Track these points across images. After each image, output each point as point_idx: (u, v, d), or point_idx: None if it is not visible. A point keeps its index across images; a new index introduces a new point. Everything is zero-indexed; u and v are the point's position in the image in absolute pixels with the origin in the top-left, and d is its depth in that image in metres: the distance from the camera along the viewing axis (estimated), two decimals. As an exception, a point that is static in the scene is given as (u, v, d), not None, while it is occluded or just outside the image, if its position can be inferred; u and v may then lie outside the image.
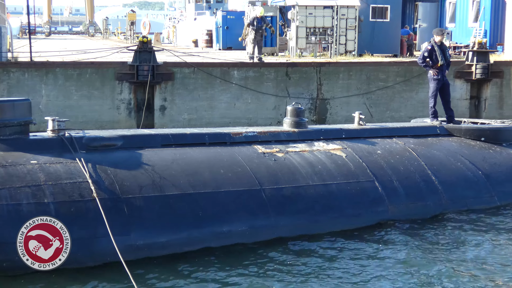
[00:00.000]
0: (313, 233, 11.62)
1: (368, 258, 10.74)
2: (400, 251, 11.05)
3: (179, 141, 12.42)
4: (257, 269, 10.21)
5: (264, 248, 11.00)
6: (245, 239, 11.11)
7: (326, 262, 10.54)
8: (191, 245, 10.70)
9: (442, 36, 15.73)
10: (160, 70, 20.41)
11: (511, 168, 14.55)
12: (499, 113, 23.42)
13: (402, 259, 10.70)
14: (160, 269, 10.07)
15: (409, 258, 10.74)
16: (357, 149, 13.48)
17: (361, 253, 10.98)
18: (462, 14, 33.44)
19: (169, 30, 56.63)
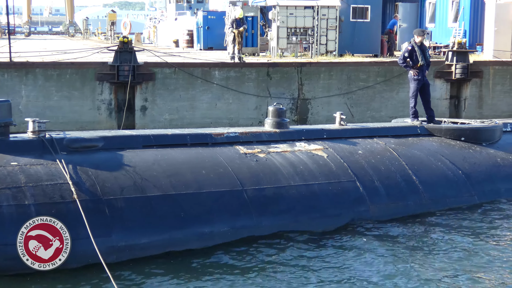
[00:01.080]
0: (294, 233, 11.64)
1: (349, 258, 10.77)
2: (381, 251, 11.09)
3: (161, 142, 12.40)
4: (240, 269, 10.22)
5: (246, 248, 11.00)
6: (227, 239, 11.11)
7: (307, 262, 10.56)
8: (173, 246, 10.68)
9: (423, 37, 15.82)
10: (141, 70, 20.35)
11: (490, 167, 14.68)
12: (478, 113, 23.60)
13: (384, 258, 10.75)
14: (142, 271, 10.04)
15: (390, 257, 10.79)
16: (339, 149, 13.53)
17: (342, 253, 11.01)
18: (442, 14, 33.62)
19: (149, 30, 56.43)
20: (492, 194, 14.16)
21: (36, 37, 65.87)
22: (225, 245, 11.02)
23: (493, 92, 24.25)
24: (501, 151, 15.24)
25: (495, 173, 14.61)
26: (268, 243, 11.24)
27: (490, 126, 15.67)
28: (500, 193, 14.28)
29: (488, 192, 14.14)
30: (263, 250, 10.99)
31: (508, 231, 12.36)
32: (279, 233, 11.55)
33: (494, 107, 24.23)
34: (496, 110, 24.05)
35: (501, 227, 12.60)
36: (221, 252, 10.80)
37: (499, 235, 12.10)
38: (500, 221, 12.91)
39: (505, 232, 12.29)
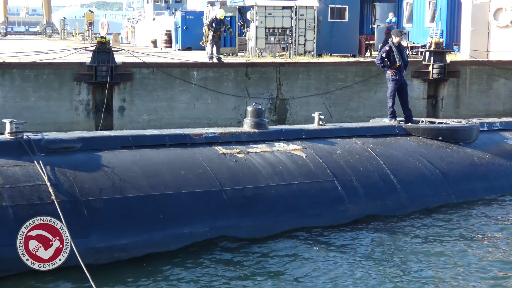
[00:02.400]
0: (274, 233, 11.67)
1: (328, 257, 10.80)
2: (361, 251, 11.15)
3: (139, 142, 12.35)
4: (219, 270, 10.21)
5: (226, 249, 11.00)
6: (206, 240, 11.09)
7: (286, 262, 10.58)
8: (153, 247, 10.65)
9: (400, 37, 15.91)
10: (118, 70, 20.24)
11: (468, 166, 14.80)
12: (455, 112, 23.76)
13: (362, 257, 10.81)
14: (121, 272, 10.01)
15: (369, 257, 10.85)
16: (317, 149, 13.57)
17: (321, 252, 11.04)
18: (419, 15, 33.83)
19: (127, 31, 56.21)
20: (469, 193, 14.28)
21: (13, 38, 65.36)
22: (204, 245, 11.01)
23: (470, 91, 24.44)
24: (478, 150, 15.38)
25: (472, 172, 14.74)
26: (247, 243, 11.25)
27: (467, 125, 15.80)
28: (477, 192, 14.40)
29: (466, 191, 14.25)
30: (242, 250, 10.99)
31: (484, 231, 12.47)
32: (258, 233, 11.56)
33: (471, 106, 24.41)
34: (473, 109, 24.23)
35: (478, 226, 12.70)
36: (201, 253, 10.79)
37: (476, 234, 12.20)
38: (477, 221, 13.02)
39: (482, 232, 12.40)
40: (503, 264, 10.67)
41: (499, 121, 17.33)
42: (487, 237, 12.05)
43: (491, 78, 24.75)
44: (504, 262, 10.78)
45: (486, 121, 17.22)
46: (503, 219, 13.16)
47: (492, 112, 24.21)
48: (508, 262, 10.76)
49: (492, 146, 15.80)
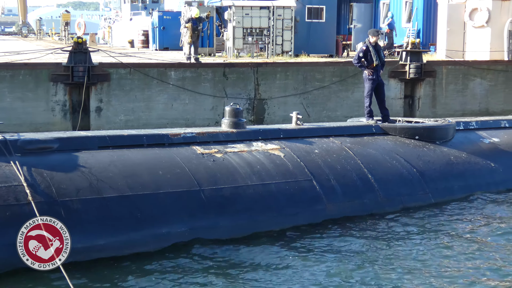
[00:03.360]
0: (252, 232, 11.69)
1: (306, 257, 10.84)
2: (338, 249, 11.20)
3: (117, 142, 12.30)
4: (197, 270, 10.20)
5: (204, 248, 10.99)
6: (184, 240, 11.08)
7: (265, 261, 10.59)
8: (131, 247, 10.62)
9: (377, 37, 15.99)
10: (95, 71, 20.13)
11: (444, 165, 14.92)
12: (432, 112, 23.92)
13: (340, 256, 10.85)
14: (99, 272, 9.96)
15: (346, 255, 10.90)
16: (295, 149, 13.60)
17: (300, 252, 11.07)
18: (396, 15, 33.99)
19: (104, 31, 55.88)
20: (446, 191, 14.40)
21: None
22: (182, 245, 10.99)
23: (446, 91, 24.62)
24: (455, 149, 15.51)
25: (448, 171, 14.86)
26: (225, 243, 11.25)
27: (443, 124, 15.91)
28: (454, 191, 14.52)
29: (442, 190, 14.37)
30: (221, 250, 10.99)
31: (461, 229, 12.57)
32: (237, 233, 11.56)
33: (447, 106, 24.59)
34: (449, 109, 24.41)
35: (455, 224, 12.81)
36: (179, 253, 10.77)
37: (453, 233, 12.30)
38: (454, 219, 13.13)
39: (458, 230, 12.50)
40: (479, 262, 10.77)
41: (475, 120, 17.49)
42: (463, 235, 12.15)
43: (467, 78, 24.96)
44: (479, 259, 10.88)
45: (462, 120, 17.37)
46: (479, 217, 13.28)
47: (468, 112, 24.41)
48: (483, 260, 10.87)
49: (468, 145, 15.94)
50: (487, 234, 12.25)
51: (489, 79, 25.28)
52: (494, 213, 13.56)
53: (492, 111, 24.59)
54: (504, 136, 16.95)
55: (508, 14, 26.08)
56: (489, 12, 26.01)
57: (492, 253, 11.18)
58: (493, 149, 16.24)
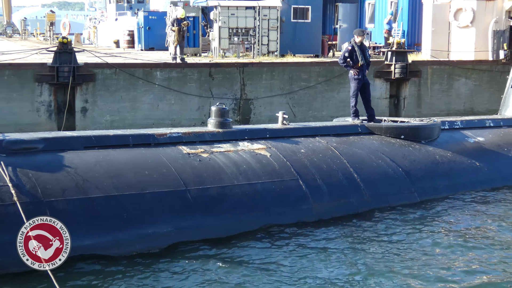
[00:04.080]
0: (238, 232, 11.69)
1: (292, 256, 10.86)
2: (324, 249, 11.22)
3: (102, 143, 12.26)
4: (183, 269, 10.19)
5: (190, 248, 10.98)
6: (171, 240, 11.07)
7: (251, 261, 10.60)
8: (117, 248, 10.59)
9: (363, 36, 16.03)
10: (81, 71, 20.06)
11: (430, 164, 14.99)
12: (417, 111, 24.04)
13: (326, 256, 10.88)
14: (84, 273, 9.93)
15: (332, 255, 10.93)
16: (281, 149, 13.62)
17: (286, 251, 11.09)
18: (381, 15, 34.12)
19: (89, 31, 55.66)
20: (432, 190, 14.47)
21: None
22: (169, 245, 10.97)
23: (431, 91, 24.75)
24: (440, 149, 15.58)
25: (434, 170, 14.93)
26: (212, 243, 11.24)
27: (428, 124, 15.99)
28: (439, 190, 14.59)
29: (428, 189, 14.43)
30: (207, 250, 10.98)
31: (447, 228, 12.64)
32: (223, 232, 11.56)
33: (432, 106, 24.73)
34: (434, 108, 24.54)
35: (441, 223, 12.87)
36: (165, 253, 10.76)
37: (438, 232, 12.36)
38: (439, 219, 13.19)
39: (444, 229, 12.57)
40: (464, 260, 10.83)
41: (460, 120, 17.58)
42: (449, 234, 12.21)
43: (452, 78, 25.11)
44: (465, 257, 10.94)
45: (447, 119, 17.45)
46: (464, 216, 13.35)
47: (453, 111, 24.56)
48: (469, 258, 10.93)
49: (453, 144, 16.02)
50: (472, 232, 12.31)
51: (473, 79, 25.44)
52: (479, 212, 13.64)
53: (477, 111, 24.75)
54: (488, 135, 17.05)
55: (492, 14, 26.24)
56: (473, 12, 26.15)
57: (477, 251, 11.24)
58: (478, 148, 16.34)
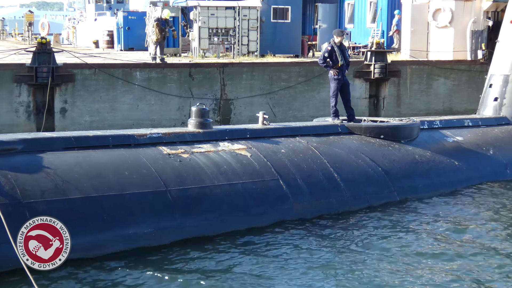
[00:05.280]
0: (219, 232, 11.69)
1: (272, 256, 10.89)
2: (304, 248, 11.25)
3: (82, 143, 12.21)
4: (164, 270, 10.17)
5: (170, 249, 10.97)
6: (151, 241, 11.04)
7: (231, 261, 10.61)
8: (97, 248, 10.55)
9: (342, 37, 16.08)
10: (60, 71, 19.95)
11: (409, 164, 15.08)
12: (397, 111, 24.14)
13: (306, 256, 10.90)
14: (64, 274, 9.89)
15: (313, 254, 10.96)
16: (262, 149, 13.63)
17: (266, 251, 11.11)
18: (360, 15, 34.24)
19: (68, 31, 55.30)
20: (411, 190, 14.56)
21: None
22: (149, 246, 10.94)
23: (411, 91, 24.88)
24: (419, 148, 15.68)
25: (413, 170, 15.03)
26: (192, 243, 11.24)
27: (408, 124, 16.09)
28: (419, 189, 14.69)
29: (407, 188, 14.52)
30: (188, 250, 10.98)
31: (426, 227, 12.71)
32: (204, 232, 11.56)
33: (412, 105, 24.85)
34: (414, 108, 24.66)
35: (420, 222, 12.95)
36: (146, 254, 10.73)
37: (418, 231, 12.43)
38: (418, 217, 13.27)
39: (423, 228, 12.64)
40: (443, 257, 10.90)
41: (439, 120, 17.71)
42: (428, 232, 12.29)
43: (431, 78, 25.25)
44: (443, 255, 11.01)
45: (427, 119, 17.57)
46: (443, 215, 13.44)
47: (432, 111, 24.69)
48: (447, 255, 11.00)
49: (433, 144, 16.13)
50: (451, 230, 12.40)
51: (452, 79, 25.60)
52: (458, 210, 13.75)
53: (455, 110, 24.91)
54: (467, 134, 17.19)
55: (470, 15, 26.43)
56: (452, 13, 26.32)
57: (456, 248, 11.33)
58: (456, 147, 16.46)
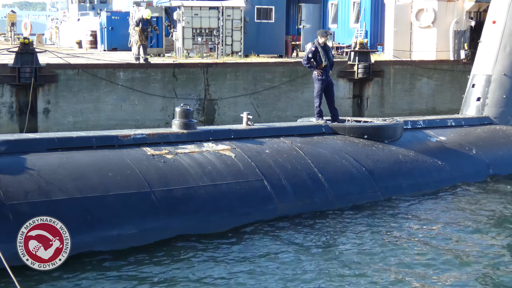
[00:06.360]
0: (204, 233, 11.68)
1: (258, 256, 10.89)
2: (289, 248, 11.26)
3: (65, 144, 12.16)
4: (148, 271, 10.16)
5: (155, 250, 10.94)
6: (135, 242, 11.01)
7: (216, 262, 10.60)
8: (81, 250, 10.50)
9: (326, 37, 16.10)
10: (43, 72, 19.85)
11: (393, 164, 15.13)
12: (380, 111, 24.23)
13: (290, 256, 10.92)
14: (47, 275, 9.84)
15: (297, 254, 10.98)
16: (246, 149, 13.64)
17: (251, 252, 11.11)
18: (344, 15, 34.32)
19: (51, 31, 55.05)
20: (395, 189, 14.61)
21: None
22: (133, 247, 10.91)
23: (394, 91, 24.97)
24: (403, 148, 15.75)
25: (397, 170, 15.08)
26: (177, 244, 11.22)
27: (391, 124, 16.14)
28: (402, 189, 14.75)
29: (391, 188, 14.58)
30: (172, 251, 10.96)
31: (409, 227, 12.77)
32: (188, 233, 11.55)
33: (395, 105, 24.95)
34: (397, 108, 24.76)
35: (403, 222, 13.01)
36: (130, 255, 10.71)
37: (401, 230, 12.48)
38: (402, 217, 13.32)
39: (407, 227, 12.70)
40: (426, 256, 10.95)
41: (422, 119, 17.79)
42: (411, 231, 12.34)
43: (414, 78, 25.38)
44: (426, 254, 11.06)
45: (410, 119, 17.64)
46: (426, 214, 13.50)
47: (415, 111, 24.81)
48: (430, 254, 11.05)
49: (416, 144, 16.20)
50: (434, 229, 12.47)
51: (435, 79, 25.74)
52: (441, 210, 13.81)
53: (438, 110, 25.04)
54: (450, 134, 17.28)
55: (453, 15, 26.58)
56: (435, 13, 26.46)
57: (438, 248, 11.38)
58: (440, 147, 16.54)
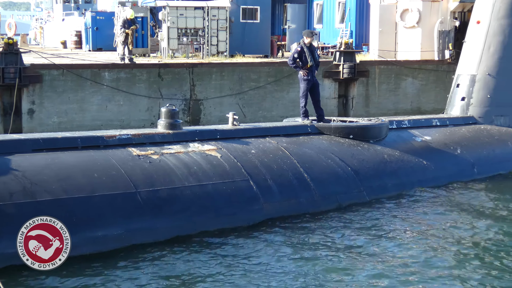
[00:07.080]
0: (190, 233, 11.67)
1: (244, 257, 10.90)
2: (275, 249, 11.27)
3: (51, 145, 12.11)
4: (134, 272, 10.14)
5: (141, 251, 10.93)
6: (121, 243, 10.99)
7: (202, 263, 10.60)
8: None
9: (312, 38, 16.12)
10: (27, 72, 19.76)
11: (378, 164, 15.19)
12: (365, 111, 24.31)
13: (276, 256, 10.93)
14: (31, 277, 9.80)
15: (282, 255, 10.99)
16: (232, 149, 13.64)
17: (237, 252, 11.12)
18: (329, 16, 34.39)
19: (36, 31, 54.79)
20: (380, 189, 14.67)
21: None
22: (119, 248, 10.89)
23: (379, 91, 25.07)
24: (388, 148, 15.81)
25: (382, 169, 15.14)
26: (163, 245, 11.21)
27: (376, 124, 16.20)
28: (388, 188, 14.81)
29: (376, 188, 14.63)
30: (158, 252, 10.94)
31: (395, 226, 12.83)
32: (175, 234, 11.53)
33: (380, 105, 25.04)
34: (382, 108, 24.86)
35: (389, 222, 13.07)
36: (115, 256, 10.69)
37: (387, 230, 12.54)
38: (387, 217, 13.38)
39: (393, 227, 12.75)
40: (411, 256, 11.00)
41: (407, 119, 17.86)
42: (397, 231, 12.40)
43: (399, 78, 25.48)
44: (411, 253, 11.12)
45: (395, 119, 17.71)
46: (411, 214, 13.57)
47: (400, 111, 24.91)
48: (415, 254, 11.11)
49: (401, 144, 16.27)
50: (419, 228, 12.54)
51: (420, 79, 25.85)
52: (426, 209, 13.88)
53: (423, 110, 25.16)
54: (435, 134, 17.37)
55: (438, 15, 26.70)
56: (419, 13, 26.57)
57: (423, 247, 11.44)
58: (425, 147, 16.62)
